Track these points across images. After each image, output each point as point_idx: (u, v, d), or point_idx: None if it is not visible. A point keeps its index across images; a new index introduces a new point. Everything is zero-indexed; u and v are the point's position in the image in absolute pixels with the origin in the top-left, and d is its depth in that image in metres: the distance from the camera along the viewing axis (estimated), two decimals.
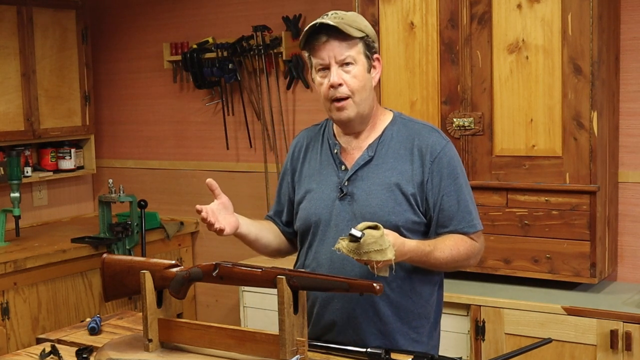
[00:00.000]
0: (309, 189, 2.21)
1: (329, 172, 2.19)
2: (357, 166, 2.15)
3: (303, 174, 2.25)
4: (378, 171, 2.13)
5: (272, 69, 4.22)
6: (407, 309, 2.13)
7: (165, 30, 4.66)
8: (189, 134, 4.68)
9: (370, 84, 2.15)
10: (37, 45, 4.42)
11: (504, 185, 3.19)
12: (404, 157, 2.13)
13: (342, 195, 2.14)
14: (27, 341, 3.76)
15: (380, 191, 2.10)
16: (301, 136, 2.34)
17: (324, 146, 2.24)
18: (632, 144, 3.32)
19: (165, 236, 4.46)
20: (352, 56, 2.09)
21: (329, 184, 2.17)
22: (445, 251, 2.06)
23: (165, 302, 2.07)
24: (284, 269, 1.92)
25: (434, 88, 3.30)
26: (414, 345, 2.13)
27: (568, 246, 3.08)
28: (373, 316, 2.12)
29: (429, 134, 2.15)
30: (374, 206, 2.10)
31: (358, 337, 2.12)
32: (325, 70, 2.10)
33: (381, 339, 2.12)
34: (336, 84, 2.08)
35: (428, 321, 2.20)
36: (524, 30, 3.09)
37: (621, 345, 2.86)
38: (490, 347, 3.09)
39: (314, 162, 2.24)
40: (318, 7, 4.05)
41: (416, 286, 2.14)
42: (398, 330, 2.13)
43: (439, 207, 2.11)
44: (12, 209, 4.12)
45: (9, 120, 4.29)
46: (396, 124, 2.20)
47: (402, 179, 2.11)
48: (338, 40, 2.07)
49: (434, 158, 2.11)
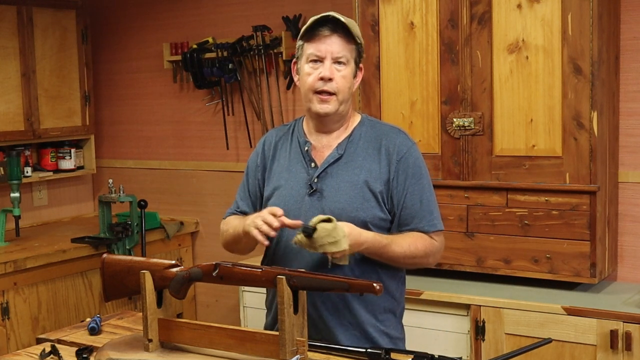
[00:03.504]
0: (278, 186, 2.26)
1: (299, 169, 2.24)
2: (327, 164, 2.21)
3: (273, 171, 2.30)
4: (347, 169, 2.20)
5: (272, 69, 4.22)
6: (375, 303, 2.21)
7: (165, 30, 4.66)
8: (189, 134, 4.68)
9: (352, 88, 2.23)
10: (37, 45, 4.42)
11: (504, 185, 3.19)
12: (372, 156, 2.21)
13: (311, 191, 2.20)
14: (27, 341, 3.76)
15: (349, 188, 2.18)
16: (270, 134, 2.39)
17: (293, 144, 2.30)
18: (632, 144, 3.32)
19: (165, 236, 4.46)
20: (347, 57, 2.17)
21: (299, 180, 2.23)
22: (403, 246, 2.14)
23: (165, 302, 2.08)
24: (284, 268, 1.93)
25: (434, 88, 3.30)
26: (383, 337, 2.22)
27: (568, 246, 3.08)
28: (343, 309, 2.19)
29: (396, 135, 2.25)
30: (342, 202, 2.17)
31: (328, 329, 2.19)
32: (317, 62, 2.16)
33: (351, 330, 2.19)
34: (327, 77, 2.15)
35: (394, 315, 2.28)
36: (524, 30, 3.09)
37: (621, 345, 2.86)
38: (490, 347, 3.09)
39: (283, 159, 2.29)
40: (318, 7, 4.05)
41: (383, 281, 2.17)
42: (368, 322, 2.21)
43: (402, 205, 2.19)
44: (12, 209, 4.12)
45: (9, 120, 4.29)
46: (364, 125, 2.28)
47: (370, 176, 2.19)
48: (340, 38, 2.15)
49: (400, 158, 2.20)
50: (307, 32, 2.17)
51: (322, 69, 2.15)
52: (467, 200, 3.26)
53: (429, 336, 3.19)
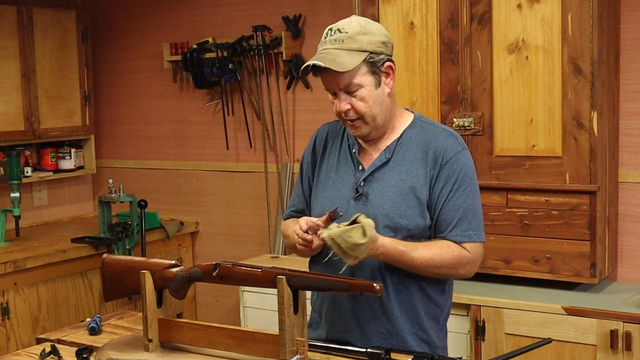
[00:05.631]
0: (326, 186, 2.21)
1: (347, 170, 2.19)
2: (374, 167, 2.14)
3: (322, 169, 2.25)
4: (394, 173, 2.13)
5: (272, 69, 4.22)
6: (416, 310, 2.13)
7: (165, 30, 4.66)
8: (189, 134, 4.68)
9: (381, 97, 2.10)
10: (37, 45, 4.42)
11: (504, 185, 3.18)
12: (420, 160, 2.12)
13: (357, 195, 2.14)
14: (27, 341, 3.76)
15: (394, 194, 2.10)
16: (322, 129, 2.32)
17: (343, 144, 2.23)
18: (632, 144, 3.32)
19: (165, 236, 4.46)
20: (355, 83, 2.05)
21: (346, 182, 2.17)
22: (425, 255, 2.05)
23: (165, 302, 2.08)
24: (284, 268, 1.92)
25: (434, 88, 3.30)
26: (422, 346, 2.13)
27: (568, 246, 3.08)
28: (381, 316, 2.12)
29: (446, 139, 2.14)
30: (386, 208, 2.10)
31: (365, 336, 2.12)
32: (333, 93, 2.10)
33: (389, 338, 2.11)
34: (343, 110, 2.08)
35: (436, 322, 2.19)
36: (524, 30, 3.09)
37: (621, 345, 2.86)
38: (490, 347, 3.09)
39: (332, 158, 2.24)
40: (318, 7, 4.05)
41: (425, 288, 2.13)
42: (407, 331, 2.12)
43: (440, 211, 2.10)
44: (12, 209, 4.12)
45: (9, 120, 4.29)
46: (415, 126, 2.18)
47: (417, 182, 2.10)
48: (337, 72, 2.03)
49: (445, 162, 2.10)
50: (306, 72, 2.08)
51: (336, 102, 2.09)
52: None
53: None
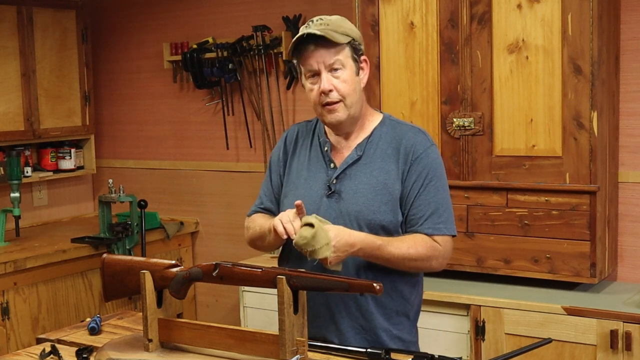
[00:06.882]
0: (297, 184, 2.24)
1: (318, 169, 2.22)
2: (346, 165, 2.19)
3: (292, 168, 2.28)
4: (366, 170, 2.17)
5: (272, 69, 4.22)
6: (388, 307, 2.18)
7: (165, 30, 4.66)
8: (189, 134, 4.68)
9: (359, 86, 2.19)
10: (37, 45, 4.42)
11: (504, 185, 3.19)
12: (391, 157, 2.17)
13: (329, 192, 2.18)
14: (27, 341, 3.76)
15: (367, 190, 2.15)
16: (292, 129, 2.37)
17: (314, 143, 2.27)
18: (632, 144, 3.32)
19: (165, 236, 4.46)
20: (341, 60, 2.13)
21: (318, 180, 2.21)
22: (402, 248, 2.09)
23: (165, 302, 2.08)
24: (284, 268, 1.93)
25: (434, 88, 3.30)
26: (395, 341, 2.18)
27: (568, 246, 3.08)
28: (355, 312, 2.16)
29: (415, 135, 2.20)
30: (360, 205, 2.14)
31: (339, 332, 2.16)
32: (315, 76, 2.15)
33: (363, 334, 2.16)
34: (327, 90, 2.13)
35: (408, 318, 2.23)
36: (524, 30, 3.09)
37: (621, 345, 2.86)
38: (490, 347, 3.09)
39: (303, 157, 2.27)
40: (318, 7, 4.05)
41: (397, 285, 2.17)
42: (380, 327, 2.17)
43: (410, 205, 2.15)
44: (12, 209, 4.12)
45: (9, 120, 4.29)
46: (385, 125, 2.24)
47: (390, 178, 2.15)
48: (325, 47, 2.12)
49: (415, 157, 2.16)
50: (295, 52, 2.16)
51: (320, 82, 2.13)
52: (467, 200, 3.26)
53: (429, 336, 3.19)
